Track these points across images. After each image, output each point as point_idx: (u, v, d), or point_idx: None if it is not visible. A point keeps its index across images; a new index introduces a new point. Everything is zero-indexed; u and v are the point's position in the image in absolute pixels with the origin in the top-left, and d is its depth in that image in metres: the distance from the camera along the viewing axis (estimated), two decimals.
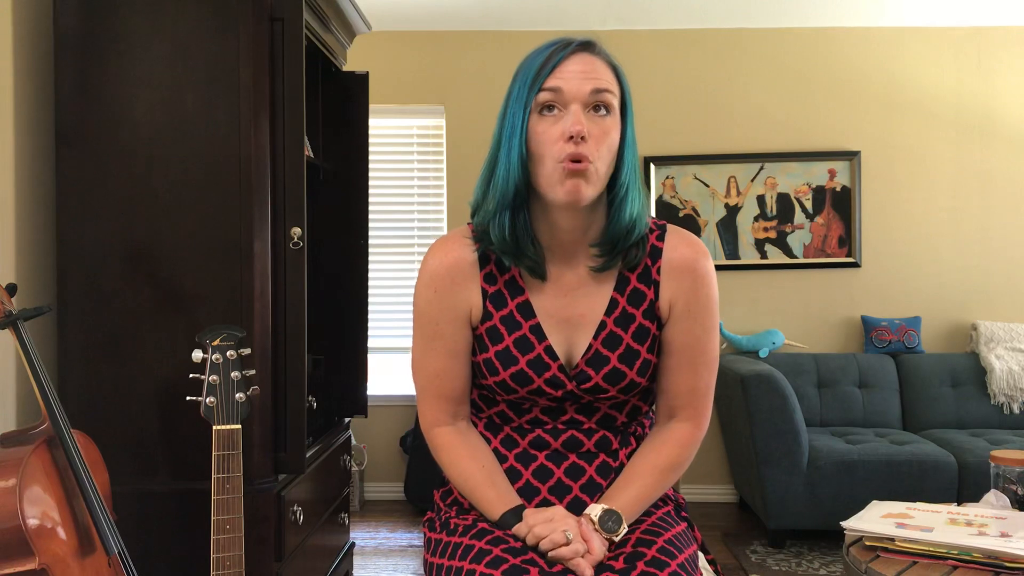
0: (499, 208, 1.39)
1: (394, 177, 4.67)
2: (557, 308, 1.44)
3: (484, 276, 1.45)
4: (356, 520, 4.19)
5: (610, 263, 1.43)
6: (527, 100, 1.36)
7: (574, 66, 1.35)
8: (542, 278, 1.44)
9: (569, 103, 1.34)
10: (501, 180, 1.39)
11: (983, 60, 4.50)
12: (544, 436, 1.45)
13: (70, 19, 2.07)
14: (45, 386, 1.70)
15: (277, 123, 2.06)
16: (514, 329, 1.43)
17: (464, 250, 1.46)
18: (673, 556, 1.32)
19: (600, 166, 1.35)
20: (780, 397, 3.68)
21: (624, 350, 1.43)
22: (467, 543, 1.36)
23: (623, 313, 1.44)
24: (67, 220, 2.08)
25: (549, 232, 1.43)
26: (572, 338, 1.44)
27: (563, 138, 1.33)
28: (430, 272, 1.47)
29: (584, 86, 1.34)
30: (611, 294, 1.44)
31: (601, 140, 1.35)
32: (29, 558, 1.55)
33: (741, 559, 3.62)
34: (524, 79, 1.37)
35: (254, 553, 1.98)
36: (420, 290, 1.48)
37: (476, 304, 1.45)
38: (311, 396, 2.41)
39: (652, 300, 1.45)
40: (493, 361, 1.43)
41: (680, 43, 4.55)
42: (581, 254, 1.44)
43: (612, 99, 1.37)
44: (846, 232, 4.50)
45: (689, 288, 1.45)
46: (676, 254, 1.46)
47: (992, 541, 1.62)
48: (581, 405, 1.45)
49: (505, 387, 1.44)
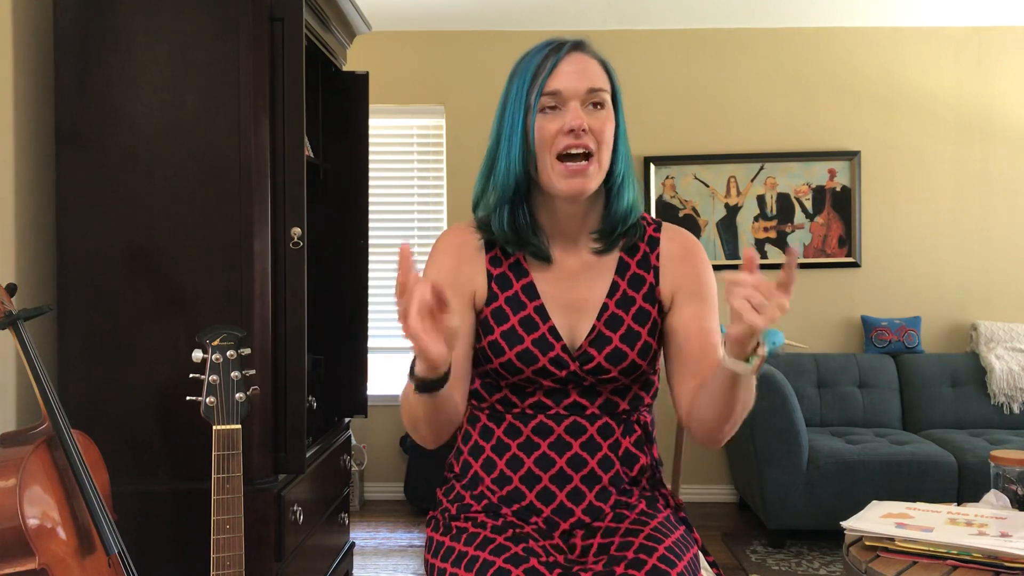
0: (500, 202, 1.48)
1: (394, 177, 4.67)
2: (560, 291, 1.50)
3: (489, 259, 1.51)
4: (356, 520, 4.19)
5: (610, 247, 1.50)
6: (526, 101, 1.43)
7: (569, 67, 1.43)
8: (547, 261, 1.50)
9: (567, 101, 1.42)
10: (502, 177, 1.46)
11: (983, 60, 4.50)
12: (547, 422, 1.47)
13: (70, 19, 2.07)
14: (45, 386, 1.70)
15: (277, 123, 2.06)
16: (519, 309, 1.48)
17: (471, 235, 1.53)
18: (673, 564, 1.33)
19: (601, 158, 1.43)
20: (780, 397, 3.68)
21: (625, 331, 1.47)
22: (472, 554, 1.37)
23: (624, 296, 1.50)
24: (67, 220, 2.08)
25: (551, 220, 1.50)
26: (574, 321, 1.48)
27: (562, 132, 1.41)
28: (437, 249, 1.54)
29: (580, 85, 1.42)
30: (612, 278, 1.51)
31: (600, 133, 1.42)
32: (29, 558, 1.55)
33: (741, 559, 3.62)
34: (522, 81, 1.45)
35: (254, 553, 1.98)
36: (427, 266, 1.53)
37: (481, 285, 1.50)
38: (311, 396, 2.41)
39: (652, 284, 1.51)
40: (499, 341, 1.46)
41: (680, 43, 4.55)
42: (582, 239, 1.51)
43: (605, 96, 1.45)
44: (846, 232, 4.50)
45: (691, 272, 1.51)
46: (674, 244, 1.54)
47: (992, 541, 1.62)
48: (584, 388, 1.47)
49: (511, 367, 1.46)
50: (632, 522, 1.42)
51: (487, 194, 1.49)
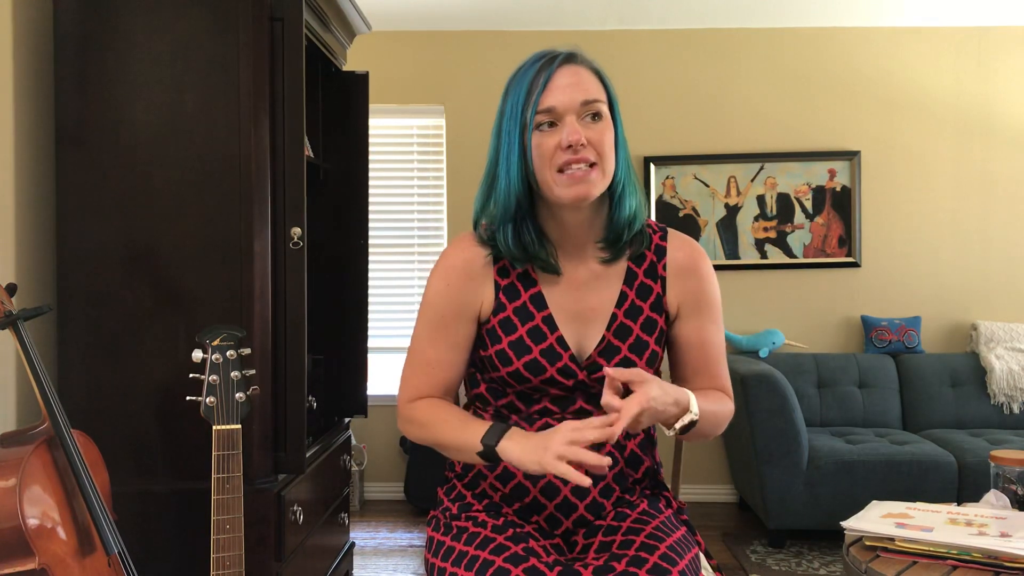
0: (502, 221, 1.47)
1: (394, 177, 4.67)
2: (569, 302, 1.50)
3: (498, 270, 1.52)
4: (356, 520, 4.19)
5: (617, 255, 1.51)
6: (522, 119, 1.43)
7: (562, 80, 1.42)
8: (556, 273, 1.50)
9: (563, 116, 1.41)
10: (503, 195, 1.46)
11: (983, 60, 4.50)
12: (552, 422, 1.48)
13: (70, 19, 2.07)
14: (45, 386, 1.70)
15: (277, 123, 2.06)
16: (527, 320, 1.49)
17: (477, 249, 1.53)
18: (674, 562, 1.33)
19: (606, 166, 1.44)
20: (780, 397, 3.68)
21: (634, 341, 1.49)
22: (472, 553, 1.37)
23: (632, 306, 1.51)
24: (67, 220, 2.08)
25: (558, 231, 1.50)
26: (583, 331, 1.49)
27: (561, 148, 1.40)
28: (446, 264, 1.53)
29: (575, 99, 1.42)
30: (621, 287, 1.52)
31: (600, 144, 1.42)
32: (29, 558, 1.55)
33: (741, 559, 3.62)
34: (516, 98, 1.44)
35: (254, 553, 1.98)
36: (432, 281, 1.53)
37: (488, 299, 1.51)
38: (311, 396, 2.41)
39: (659, 294, 1.52)
40: (506, 351, 1.47)
41: (680, 43, 4.55)
42: (589, 249, 1.52)
43: (601, 106, 1.44)
44: (846, 232, 4.50)
45: (696, 287, 1.53)
46: (680, 254, 1.54)
47: (992, 541, 1.62)
48: (590, 395, 1.48)
49: (518, 377, 1.47)
50: (634, 521, 1.43)
51: (488, 211, 1.50)
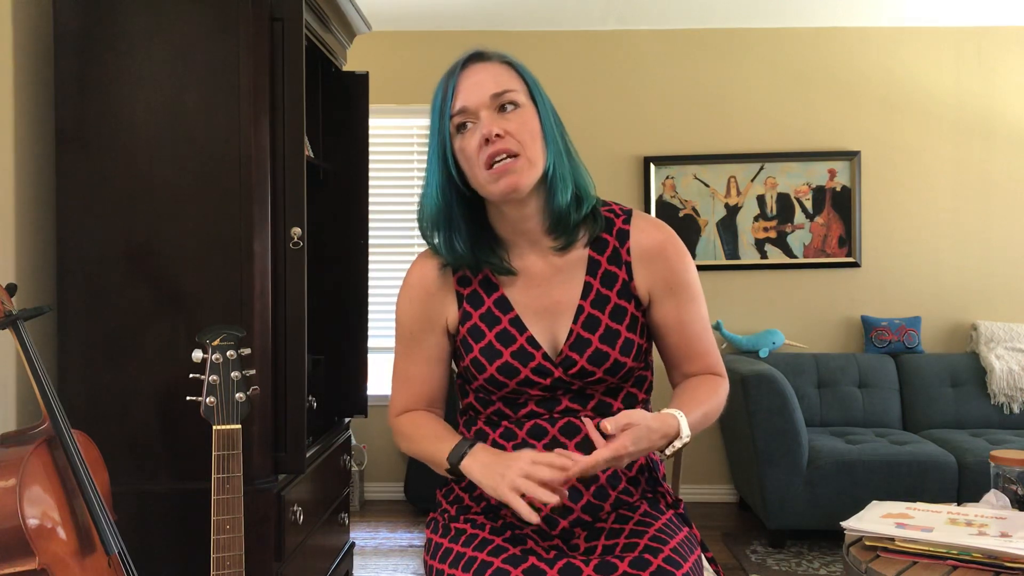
0: (432, 229, 1.49)
1: (394, 177, 4.67)
2: (533, 299, 1.49)
3: (457, 280, 1.52)
4: (356, 520, 4.19)
5: (569, 242, 1.49)
6: (440, 129, 1.44)
7: (468, 80, 1.43)
8: (510, 273, 1.50)
9: (477, 112, 1.42)
10: (428, 205, 1.48)
11: (983, 60, 4.50)
12: (542, 424, 1.48)
13: (70, 19, 2.07)
14: (45, 386, 1.70)
15: (277, 123, 2.06)
16: (494, 324, 1.48)
17: (433, 264, 1.54)
18: (679, 565, 1.33)
19: (530, 154, 1.42)
20: (780, 397, 3.68)
21: (604, 331, 1.47)
22: (470, 555, 1.37)
23: (598, 295, 1.49)
24: (67, 220, 2.08)
25: (507, 228, 1.50)
26: (552, 326, 1.48)
27: (481, 144, 1.40)
28: (406, 284, 1.57)
29: (483, 94, 1.42)
30: (584, 278, 1.50)
31: (519, 133, 1.41)
32: (29, 558, 1.55)
33: (741, 559, 3.62)
34: (434, 109, 1.46)
35: (254, 553, 1.98)
36: (399, 300, 1.57)
37: (452, 311, 1.53)
38: (311, 396, 2.41)
39: (626, 280, 1.50)
40: (479, 359, 1.47)
41: (680, 43, 4.55)
42: (544, 242, 1.50)
43: (515, 95, 1.44)
44: (846, 232, 4.50)
45: (664, 269, 1.50)
46: (644, 236, 1.51)
47: (992, 541, 1.62)
48: (574, 393, 1.47)
49: (495, 382, 1.47)
50: (636, 523, 1.42)
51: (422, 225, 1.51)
